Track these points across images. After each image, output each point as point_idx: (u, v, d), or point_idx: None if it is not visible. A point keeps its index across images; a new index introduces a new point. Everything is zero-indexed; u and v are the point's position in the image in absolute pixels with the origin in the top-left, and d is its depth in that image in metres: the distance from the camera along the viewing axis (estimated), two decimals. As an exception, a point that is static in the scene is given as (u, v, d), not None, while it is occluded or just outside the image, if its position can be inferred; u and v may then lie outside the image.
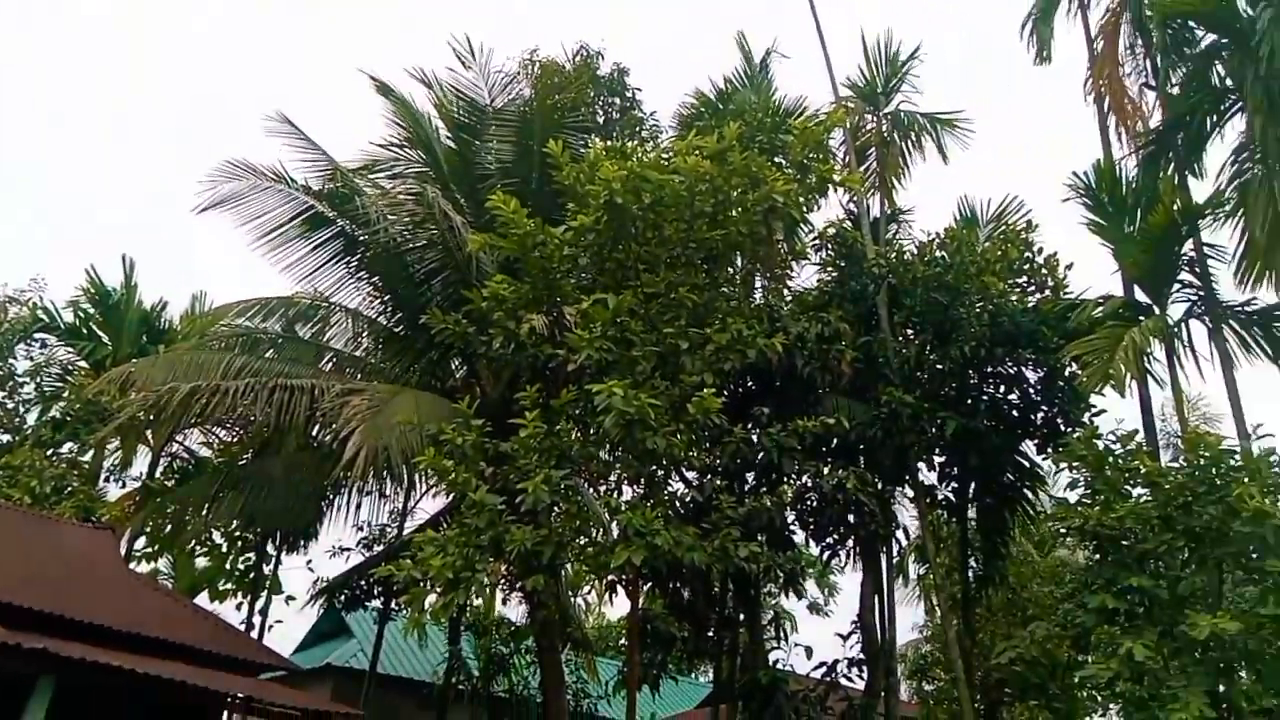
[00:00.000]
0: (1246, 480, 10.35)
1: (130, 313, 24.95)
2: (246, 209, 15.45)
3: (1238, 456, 10.90)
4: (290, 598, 22.61)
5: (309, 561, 21.70)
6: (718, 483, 11.94)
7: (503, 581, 16.89)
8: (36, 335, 24.38)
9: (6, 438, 23.04)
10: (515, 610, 22.58)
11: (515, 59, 18.39)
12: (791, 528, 15.12)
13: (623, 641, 27.91)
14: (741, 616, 15.38)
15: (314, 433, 14.97)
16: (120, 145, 76.67)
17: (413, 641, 21.69)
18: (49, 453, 21.91)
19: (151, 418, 15.55)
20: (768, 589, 17.16)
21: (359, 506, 17.72)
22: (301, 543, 20.59)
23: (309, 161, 15.97)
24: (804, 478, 14.08)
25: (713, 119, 16.17)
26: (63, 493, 20.36)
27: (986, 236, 17.48)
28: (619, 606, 36.64)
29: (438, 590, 10.19)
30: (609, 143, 14.11)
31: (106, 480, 23.23)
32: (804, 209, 13.79)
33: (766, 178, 12.07)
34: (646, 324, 11.53)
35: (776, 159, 14.14)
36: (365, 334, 17.11)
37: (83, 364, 24.31)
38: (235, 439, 20.20)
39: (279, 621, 23.78)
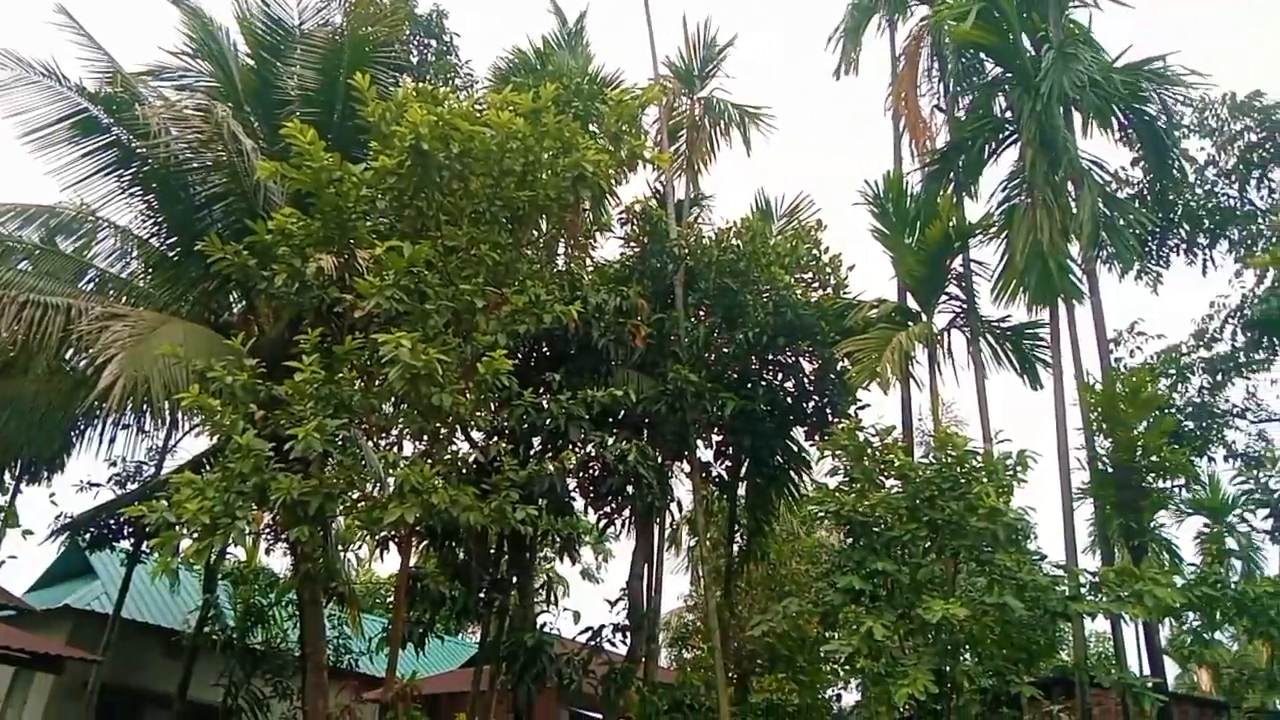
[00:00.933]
0: (985, 480, 11.34)
1: None
2: (10, 101, 13.92)
3: (979, 458, 11.91)
4: (28, 532, 20.70)
5: (52, 495, 19.91)
6: (503, 445, 11.87)
7: (267, 531, 16.17)
8: None
9: None
10: (280, 561, 21.75)
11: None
12: (572, 495, 15.31)
13: (391, 599, 27.44)
14: (515, 579, 15.44)
15: (67, 356, 13.75)
16: None
17: (163, 587, 20.47)
18: None
19: None
20: (544, 553, 17.33)
21: (113, 440, 16.39)
22: (45, 473, 18.85)
23: (88, 60, 14.57)
24: (589, 446, 14.27)
25: (529, 78, 15.94)
26: None
27: (779, 230, 18.29)
28: (390, 563, 36.02)
29: (193, 535, 9.60)
30: (421, 84, 13.61)
31: None
32: (613, 181, 13.83)
33: (579, 144, 12.03)
34: (443, 278, 11.26)
35: (590, 127, 14.14)
36: (134, 255, 15.77)
37: None
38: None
39: (12, 557, 21.80)
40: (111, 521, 17.44)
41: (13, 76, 13.82)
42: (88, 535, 17.91)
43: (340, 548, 16.27)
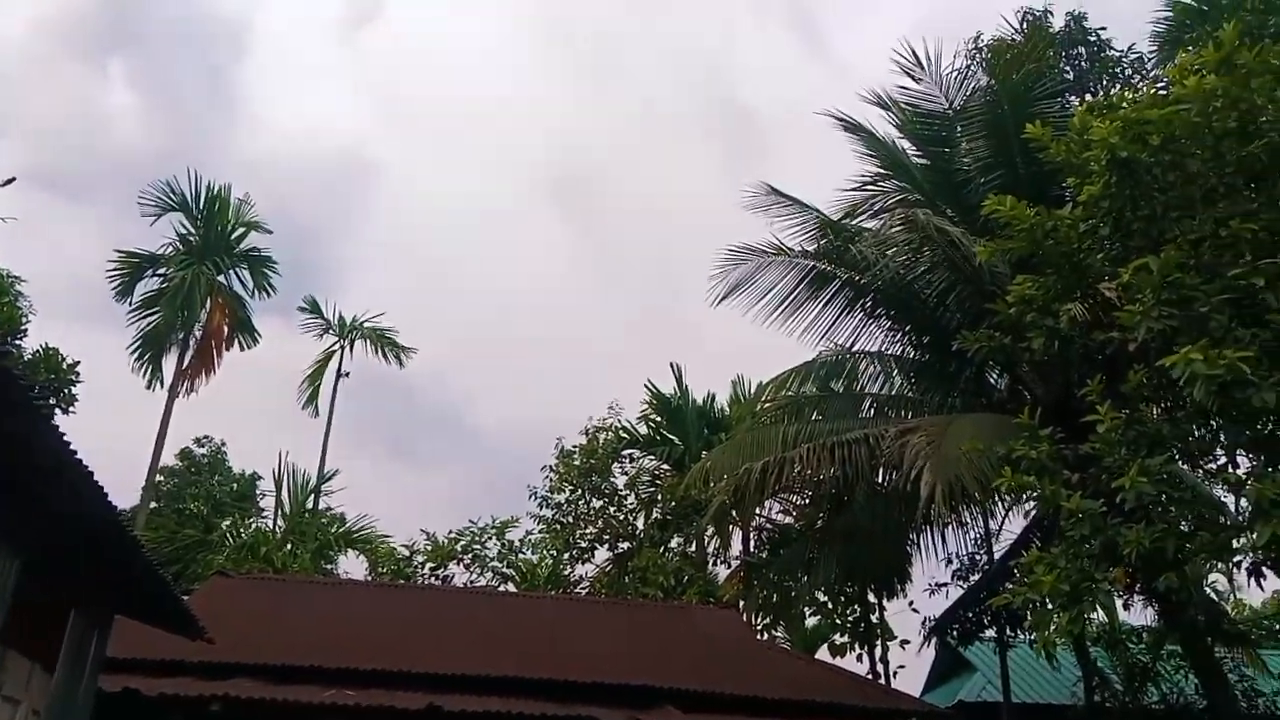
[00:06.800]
0: None
1: (689, 411, 27.94)
2: (758, 286, 16.48)
3: None
4: (905, 641, 22.93)
5: (911, 603, 21.95)
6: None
7: (1123, 588, 15.65)
8: (624, 452, 28.22)
9: (625, 545, 26.72)
10: (1142, 616, 20.72)
11: (958, 53, 17.82)
12: None
13: (1280, 628, 24.23)
14: None
15: (879, 479, 15.34)
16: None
17: (1040, 666, 20.82)
18: (662, 550, 25.08)
19: (734, 500, 17.05)
20: None
21: (943, 539, 17.63)
22: (898, 585, 20.94)
23: (797, 224, 16.83)
24: None
25: (1200, 23, 14.16)
26: (683, 582, 23.07)
27: None
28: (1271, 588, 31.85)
29: (1060, 608, 9.73)
30: (1089, 99, 12.95)
31: (713, 564, 25.89)
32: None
33: (1297, 64, 10.19)
34: (1203, 274, 10.20)
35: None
36: (895, 372, 17.29)
37: (665, 466, 27.59)
38: (809, 501, 21.35)
39: (901, 667, 24.09)
40: (969, 615, 18.45)
41: (754, 265, 16.50)
42: (954, 632, 19.14)
43: (1203, 586, 15.02)
